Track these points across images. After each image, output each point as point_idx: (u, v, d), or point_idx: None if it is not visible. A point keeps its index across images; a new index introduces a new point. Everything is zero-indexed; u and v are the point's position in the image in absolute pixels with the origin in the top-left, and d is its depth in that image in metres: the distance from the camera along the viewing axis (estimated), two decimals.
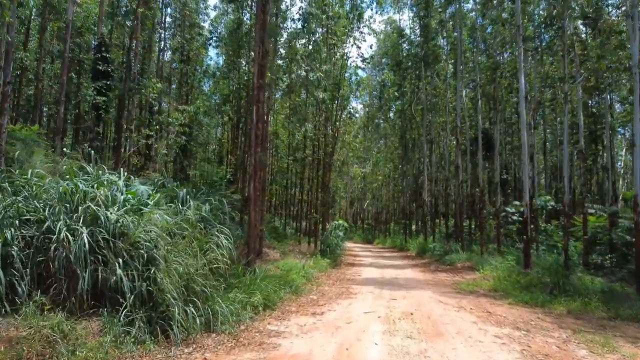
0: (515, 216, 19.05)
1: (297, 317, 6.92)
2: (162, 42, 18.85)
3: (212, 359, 4.72)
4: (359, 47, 46.25)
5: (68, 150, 7.71)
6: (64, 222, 4.80)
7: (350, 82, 22.53)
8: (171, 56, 23.18)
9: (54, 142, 11.97)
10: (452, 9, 20.85)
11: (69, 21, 12.06)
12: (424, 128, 25.43)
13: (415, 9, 24.68)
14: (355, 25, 19.27)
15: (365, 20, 19.64)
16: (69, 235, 4.68)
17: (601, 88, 15.10)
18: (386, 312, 7.41)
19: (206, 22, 24.88)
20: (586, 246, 13.22)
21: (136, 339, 4.65)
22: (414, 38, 26.33)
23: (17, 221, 4.92)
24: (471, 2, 21.31)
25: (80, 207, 4.96)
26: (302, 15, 16.10)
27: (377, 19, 76.14)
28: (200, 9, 23.24)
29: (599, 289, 9.33)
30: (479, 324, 6.86)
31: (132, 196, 5.74)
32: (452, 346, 5.44)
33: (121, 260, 4.85)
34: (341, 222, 18.87)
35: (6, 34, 9.18)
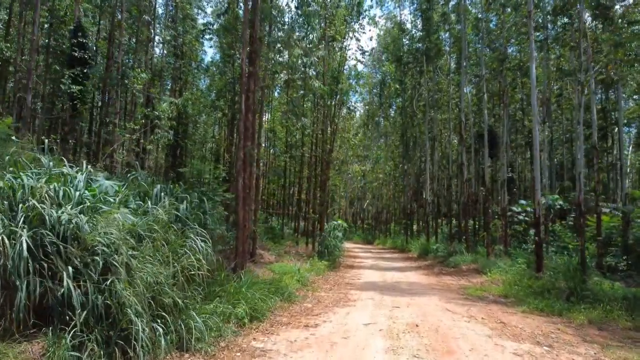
0: (521, 216, 18.18)
1: (287, 331, 6.11)
2: (152, 32, 17.94)
3: None
4: (359, 40, 45.51)
5: (16, 139, 6.82)
6: (0, 222, 3.98)
7: (350, 77, 21.77)
8: (162, 48, 22.33)
9: (32, 137, 11.19)
10: (455, 1, 20.08)
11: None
12: (425, 125, 24.61)
13: (417, 1, 23.89)
14: (354, 15, 18.45)
15: (365, 11, 18.79)
16: (5, 239, 3.86)
17: (614, 80, 14.26)
18: (389, 324, 6.60)
19: (200, 16, 24.01)
20: (600, 248, 12.44)
21: None
22: (415, 33, 25.62)
23: None
24: None
25: (23, 205, 4.14)
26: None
27: (377, 13, 75.39)
28: (194, 0, 22.32)
29: (620, 295, 8.56)
30: (494, 337, 6.06)
31: (92, 193, 4.92)
32: None
33: (71, 269, 4.03)
34: (340, 222, 18.02)
35: None
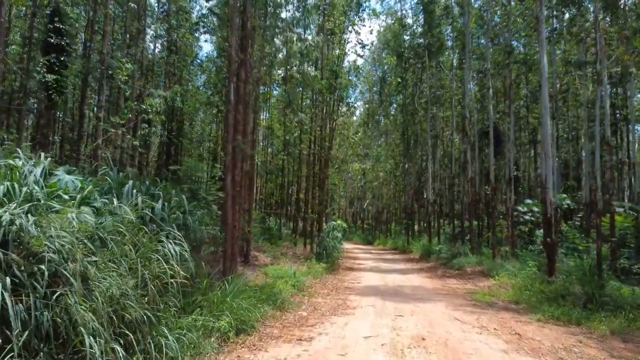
0: (527, 216, 17.48)
1: (277, 346, 5.41)
2: (144, 22, 17.19)
3: None
4: (358, 33, 44.56)
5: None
6: None
7: (349, 73, 21.07)
8: (155, 42, 21.59)
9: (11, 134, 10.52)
10: None
11: None
12: (427, 122, 23.90)
13: None
14: (354, 7, 17.76)
15: (364, 2, 18.06)
16: None
17: (629, 73, 13.58)
18: (392, 337, 5.90)
19: (195, 9, 23.27)
20: (614, 249, 11.75)
21: None
22: (416, 28, 24.94)
23: None
24: None
25: None
26: None
27: (377, 9, 74.43)
28: None
29: None
30: (510, 353, 5.36)
31: (50, 190, 4.22)
32: None
33: (9, 280, 3.34)
34: (339, 222, 17.32)
35: None
